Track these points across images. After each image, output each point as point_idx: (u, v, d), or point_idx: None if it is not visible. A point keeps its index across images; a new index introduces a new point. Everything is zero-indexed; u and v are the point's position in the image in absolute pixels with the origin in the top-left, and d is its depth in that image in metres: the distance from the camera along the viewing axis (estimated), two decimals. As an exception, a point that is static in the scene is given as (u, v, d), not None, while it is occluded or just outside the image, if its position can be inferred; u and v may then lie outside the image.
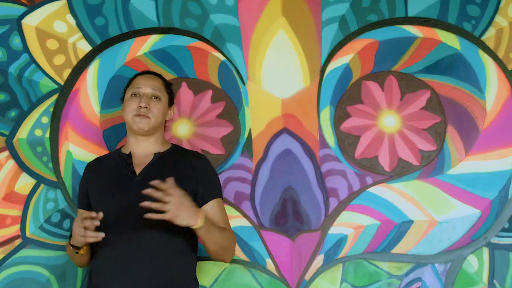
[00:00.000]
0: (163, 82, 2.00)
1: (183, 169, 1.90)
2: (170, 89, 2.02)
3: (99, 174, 1.94)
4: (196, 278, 1.89)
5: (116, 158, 1.96)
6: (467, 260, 2.22)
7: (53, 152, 2.23)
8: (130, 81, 2.00)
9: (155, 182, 1.66)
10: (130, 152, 1.94)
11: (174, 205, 1.65)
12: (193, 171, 1.90)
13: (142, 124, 1.89)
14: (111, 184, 1.89)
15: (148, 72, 2.03)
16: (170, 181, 1.68)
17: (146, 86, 1.94)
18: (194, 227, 1.70)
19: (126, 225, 1.78)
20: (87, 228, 1.69)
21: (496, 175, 2.24)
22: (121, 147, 2.01)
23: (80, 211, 1.97)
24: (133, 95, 1.93)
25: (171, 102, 2.01)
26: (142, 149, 1.94)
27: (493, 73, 2.28)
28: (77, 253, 1.81)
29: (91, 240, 1.70)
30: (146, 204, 1.65)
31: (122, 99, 1.99)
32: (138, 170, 1.89)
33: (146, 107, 1.89)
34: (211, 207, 1.89)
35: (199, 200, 1.87)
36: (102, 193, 1.89)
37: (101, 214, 1.69)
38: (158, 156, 1.92)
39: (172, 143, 2.01)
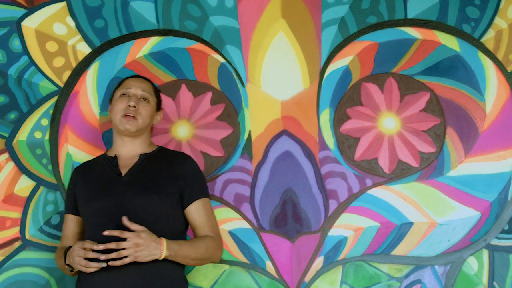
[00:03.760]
0: (152, 86, 2.03)
1: (168, 169, 1.91)
2: (158, 94, 2.05)
3: (86, 178, 1.95)
4: (185, 278, 1.90)
5: (102, 161, 1.98)
6: (467, 262, 2.22)
7: (53, 154, 2.23)
8: (120, 83, 2.02)
9: (105, 232, 1.70)
10: (115, 155, 1.95)
11: (131, 248, 1.68)
12: (179, 171, 1.91)
13: (129, 125, 1.90)
14: (97, 187, 1.89)
15: (138, 76, 2.05)
16: (125, 221, 1.71)
17: (137, 88, 1.96)
18: (160, 258, 1.73)
19: (113, 226, 1.77)
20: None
21: (496, 177, 2.24)
22: (106, 151, 2.03)
23: (68, 217, 1.99)
24: (122, 95, 1.95)
25: (159, 107, 2.03)
26: (128, 151, 1.95)
27: (493, 75, 2.29)
28: (72, 271, 1.82)
29: (93, 270, 1.72)
30: (97, 263, 1.70)
31: (110, 100, 2.00)
32: (124, 172, 1.90)
33: (135, 107, 1.91)
34: (196, 207, 1.90)
35: (184, 200, 1.90)
36: (89, 196, 1.89)
37: (110, 245, 1.69)
38: (143, 157, 1.94)
39: (158, 145, 2.03)
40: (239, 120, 2.29)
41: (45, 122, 2.24)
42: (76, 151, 2.24)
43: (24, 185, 2.21)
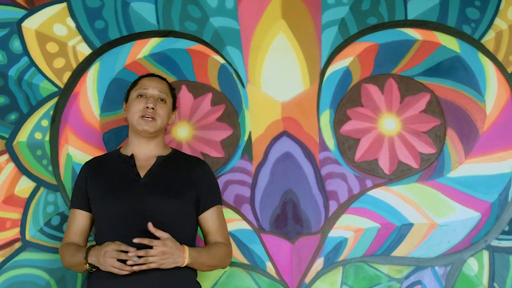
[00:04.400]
0: (168, 85, 2.01)
1: (186, 174, 1.91)
2: (174, 93, 2.03)
3: (99, 175, 1.92)
4: (198, 282, 1.90)
5: (116, 159, 1.95)
6: (467, 263, 2.22)
7: (53, 155, 2.23)
8: (135, 82, 1.99)
9: (135, 240, 1.69)
10: (132, 154, 1.94)
11: (157, 255, 1.70)
12: (196, 177, 1.92)
13: (148, 126, 1.89)
14: (115, 186, 1.87)
15: (154, 75, 2.03)
16: (150, 227, 1.72)
17: (154, 88, 1.94)
18: (182, 265, 1.76)
19: (131, 227, 1.77)
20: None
21: (496, 178, 2.24)
22: (119, 148, 2.01)
23: (76, 212, 1.92)
24: (139, 96, 1.93)
25: (174, 106, 2.02)
26: (144, 152, 1.94)
27: (493, 75, 2.29)
28: (91, 270, 1.78)
29: (125, 273, 1.70)
30: (130, 266, 1.69)
31: (126, 100, 1.99)
32: (141, 173, 1.89)
33: (153, 108, 1.90)
34: (211, 214, 1.92)
35: (200, 206, 1.91)
36: (105, 195, 1.86)
37: (140, 252, 1.69)
38: (161, 160, 1.93)
39: (172, 148, 2.02)
40: (239, 121, 2.29)
41: (45, 123, 2.24)
42: (77, 152, 2.23)
43: (25, 186, 2.21)
